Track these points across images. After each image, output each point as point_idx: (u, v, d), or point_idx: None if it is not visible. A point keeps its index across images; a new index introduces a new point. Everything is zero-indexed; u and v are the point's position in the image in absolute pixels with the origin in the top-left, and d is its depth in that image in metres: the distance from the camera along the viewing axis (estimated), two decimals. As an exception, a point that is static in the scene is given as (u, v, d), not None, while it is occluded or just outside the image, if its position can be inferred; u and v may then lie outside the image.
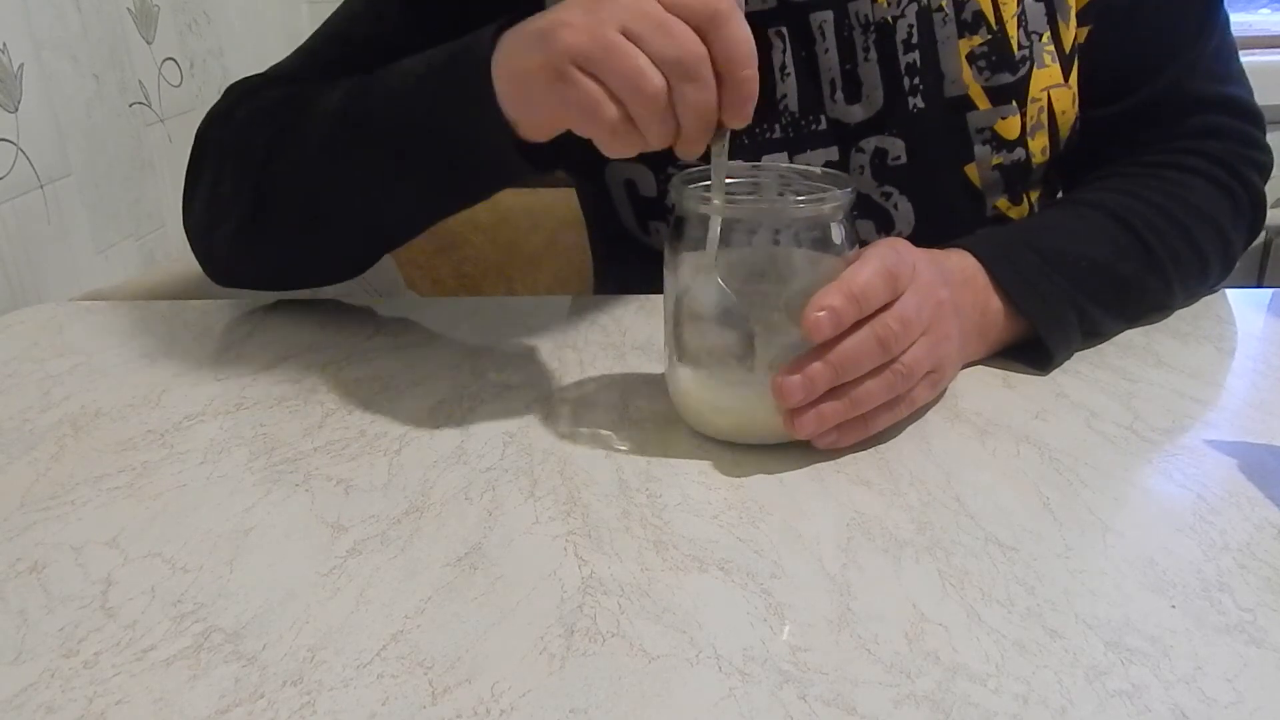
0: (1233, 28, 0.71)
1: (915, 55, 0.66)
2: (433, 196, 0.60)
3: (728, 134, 0.47)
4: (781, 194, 0.53)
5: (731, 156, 0.48)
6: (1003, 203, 0.71)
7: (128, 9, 0.96)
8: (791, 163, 0.68)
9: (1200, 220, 0.65)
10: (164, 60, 1.03)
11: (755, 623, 0.39)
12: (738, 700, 0.35)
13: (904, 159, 0.68)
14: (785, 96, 0.68)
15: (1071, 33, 0.68)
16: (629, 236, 0.76)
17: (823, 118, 0.68)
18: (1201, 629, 0.38)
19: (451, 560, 0.43)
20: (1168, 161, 0.68)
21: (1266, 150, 0.71)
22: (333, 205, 0.61)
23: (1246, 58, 0.71)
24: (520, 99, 0.50)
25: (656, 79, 0.44)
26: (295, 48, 0.70)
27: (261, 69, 0.69)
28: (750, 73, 0.44)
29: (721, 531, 0.45)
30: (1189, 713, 0.34)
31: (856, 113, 0.68)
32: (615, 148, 0.47)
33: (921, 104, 0.67)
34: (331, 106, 0.60)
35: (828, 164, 0.68)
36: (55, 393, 0.59)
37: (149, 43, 1.00)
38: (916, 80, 0.67)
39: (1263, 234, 1.66)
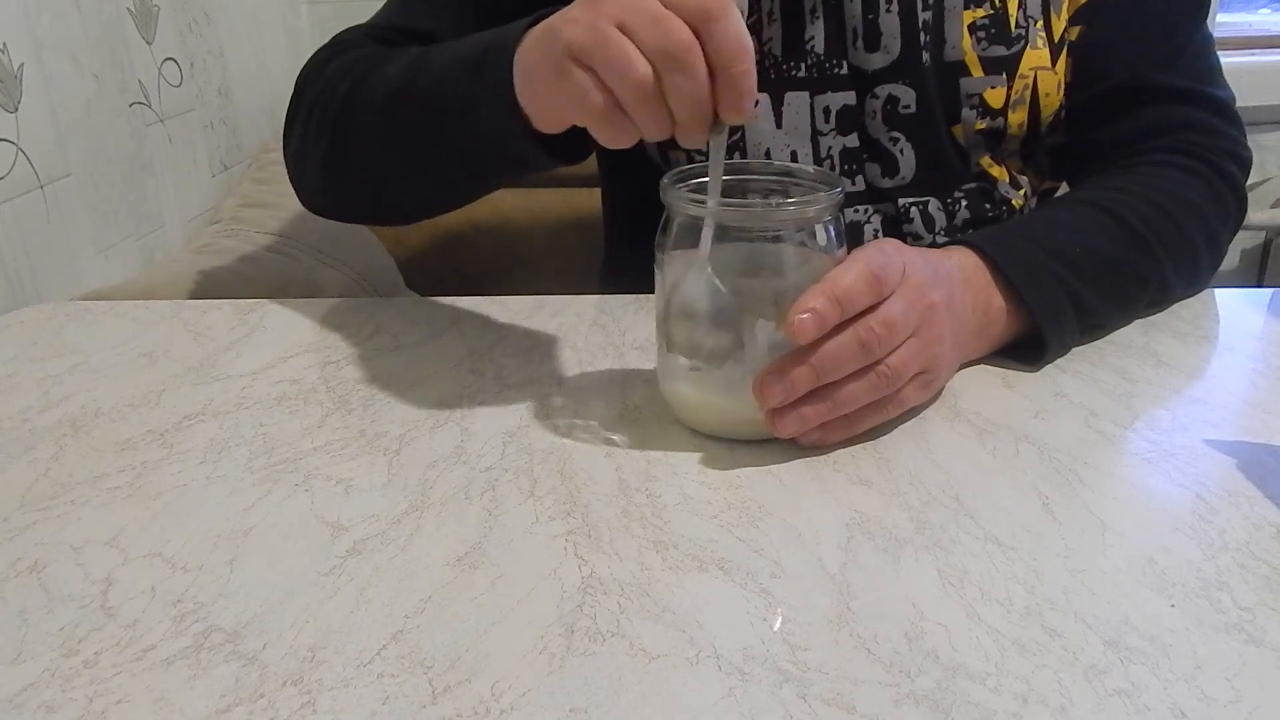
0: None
1: (929, 15, 0.70)
2: (466, 175, 0.65)
3: (725, 129, 0.48)
4: (772, 194, 0.53)
5: (762, 89, 0.48)
6: (985, 160, 0.74)
7: (128, 9, 0.96)
8: (812, 103, 0.72)
9: (1181, 205, 0.67)
10: (164, 60, 1.03)
11: (755, 622, 0.39)
12: (737, 699, 0.35)
13: (913, 108, 0.72)
14: (812, 39, 0.71)
15: (1062, 24, 0.71)
16: (646, 166, 0.79)
17: (844, 63, 0.72)
18: (1200, 628, 0.38)
19: (451, 560, 0.43)
20: (1145, 160, 0.70)
21: (1244, 145, 0.73)
22: (389, 165, 0.66)
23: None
24: (529, 93, 0.52)
25: (643, 66, 0.45)
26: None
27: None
28: (745, 68, 0.45)
29: (721, 531, 0.45)
30: (1188, 711, 0.34)
31: (875, 60, 0.71)
32: (606, 134, 0.48)
33: (928, 60, 0.71)
34: (393, 75, 0.64)
35: (844, 108, 0.72)
36: (55, 393, 0.59)
37: (149, 43, 1.00)
38: (927, 38, 0.70)
39: (1262, 234, 1.67)
